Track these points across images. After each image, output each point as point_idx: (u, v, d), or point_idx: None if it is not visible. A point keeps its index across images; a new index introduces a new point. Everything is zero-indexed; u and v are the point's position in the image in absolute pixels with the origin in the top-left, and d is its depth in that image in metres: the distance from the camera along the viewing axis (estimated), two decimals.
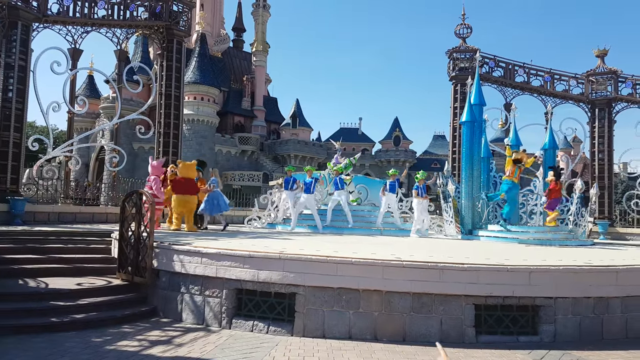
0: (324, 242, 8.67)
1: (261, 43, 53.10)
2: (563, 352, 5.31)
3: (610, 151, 21.31)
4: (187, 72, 42.39)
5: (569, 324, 5.88)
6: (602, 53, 21.82)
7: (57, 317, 5.96)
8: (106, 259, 8.22)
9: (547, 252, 8.19)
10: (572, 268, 5.99)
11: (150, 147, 35.91)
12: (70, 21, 15.13)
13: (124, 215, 7.41)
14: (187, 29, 17.03)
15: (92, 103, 41.25)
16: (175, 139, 16.35)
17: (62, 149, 14.49)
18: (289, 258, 5.95)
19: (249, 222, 13.29)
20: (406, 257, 6.17)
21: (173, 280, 6.73)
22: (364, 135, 55.40)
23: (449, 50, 22.26)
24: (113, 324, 6.10)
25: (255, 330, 6.01)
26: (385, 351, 5.25)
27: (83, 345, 5.19)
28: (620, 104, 21.39)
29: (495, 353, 5.28)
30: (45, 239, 8.97)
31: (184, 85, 17.10)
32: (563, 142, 40.29)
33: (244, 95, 51.93)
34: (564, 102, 22.04)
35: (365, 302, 5.80)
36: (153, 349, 5.16)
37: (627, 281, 6.08)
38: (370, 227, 12.61)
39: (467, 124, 12.58)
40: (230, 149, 47.65)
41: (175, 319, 6.53)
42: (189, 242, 7.06)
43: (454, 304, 5.75)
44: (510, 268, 5.82)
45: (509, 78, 21.66)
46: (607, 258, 7.20)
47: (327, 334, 5.77)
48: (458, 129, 19.99)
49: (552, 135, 13.59)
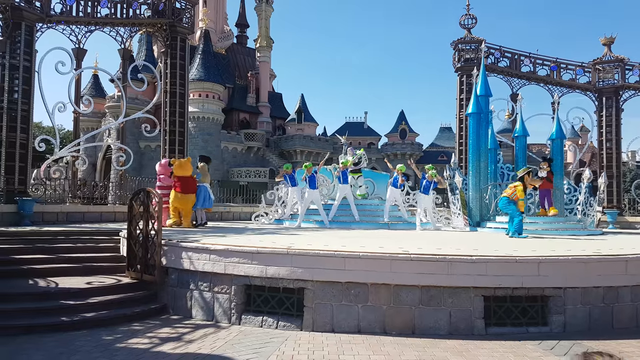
0: (331, 237, 8.67)
1: (265, 39, 52.91)
2: (573, 342, 5.28)
3: (618, 140, 21.06)
4: (192, 70, 42.39)
5: (579, 314, 5.85)
6: (609, 41, 21.51)
7: (67, 317, 6.01)
8: (115, 258, 8.27)
9: (556, 242, 8.13)
10: (581, 258, 5.94)
11: (157, 145, 36.08)
12: (74, 21, 15.15)
13: (131, 214, 7.45)
14: (190, 26, 17.00)
15: (98, 102, 41.36)
16: (181, 137, 16.39)
17: (69, 148, 14.57)
18: (297, 253, 5.96)
19: (257, 219, 13.31)
20: (414, 250, 6.15)
21: (182, 277, 6.77)
22: (369, 129, 55.17)
23: (454, 42, 22.04)
24: (123, 322, 6.15)
25: (265, 325, 6.04)
26: (395, 344, 5.25)
27: (94, 344, 5.24)
28: (628, 92, 21.10)
29: (505, 344, 5.26)
30: (55, 239, 9.04)
31: (188, 82, 17.11)
32: (570, 132, 39.96)
33: (249, 91, 51.84)
34: (570, 91, 21.77)
35: (374, 295, 5.79)
36: (163, 346, 5.20)
37: (637, 270, 6.03)
38: (377, 222, 12.59)
39: (474, 115, 12.49)
40: (236, 146, 47.67)
41: (185, 315, 6.57)
42: (197, 239, 7.09)
43: (463, 296, 5.73)
44: (519, 259, 5.79)
45: (515, 68, 21.43)
46: (616, 247, 7.14)
47: (336, 328, 5.78)
48: (464, 120, 19.81)
49: (559, 124, 13.45)
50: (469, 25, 21.87)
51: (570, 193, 12.44)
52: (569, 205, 12.39)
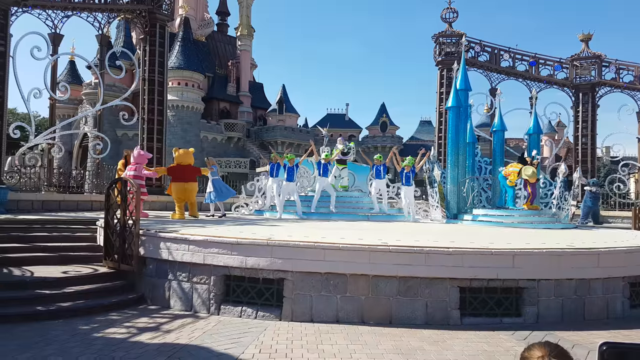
0: (311, 228, 8.70)
1: (246, 27, 52.12)
2: (546, 332, 5.43)
3: (593, 135, 21.64)
4: (171, 57, 41.52)
5: (552, 305, 6.02)
6: (587, 37, 21.98)
7: (43, 306, 5.90)
8: (92, 247, 8.14)
9: (531, 235, 8.34)
10: (554, 251, 6.11)
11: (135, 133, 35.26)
12: (50, 5, 14.68)
13: (109, 203, 7.33)
14: (170, 13, 16.66)
15: (74, 89, 40.20)
16: (159, 126, 16.12)
17: (44, 136, 14.17)
18: (277, 244, 5.97)
19: (237, 209, 13.25)
20: (392, 241, 6.23)
21: (160, 267, 6.70)
22: (351, 122, 55.24)
23: (435, 35, 22.20)
24: (100, 311, 6.07)
25: (244, 315, 6.04)
26: (372, 334, 5.33)
27: (70, 333, 5.16)
28: (604, 88, 21.66)
29: (480, 334, 5.39)
30: (30, 228, 8.84)
31: (167, 70, 16.80)
32: (547, 127, 40.77)
33: (230, 80, 51.13)
34: (548, 86, 22.24)
35: (353, 286, 5.86)
36: (141, 335, 5.16)
37: (608, 263, 6.22)
38: (357, 213, 12.68)
39: (453, 109, 12.64)
40: (216, 136, 47.10)
41: (163, 305, 6.52)
42: (175, 230, 7.02)
43: (439, 287, 5.85)
44: (494, 251, 5.92)
45: (495, 63, 21.74)
46: (589, 241, 7.35)
47: (315, 318, 5.83)
48: (444, 114, 20.06)
49: (536, 119, 13.73)
50: (450, 19, 22.03)
51: (546, 187, 12.75)
52: (544, 199, 12.69)
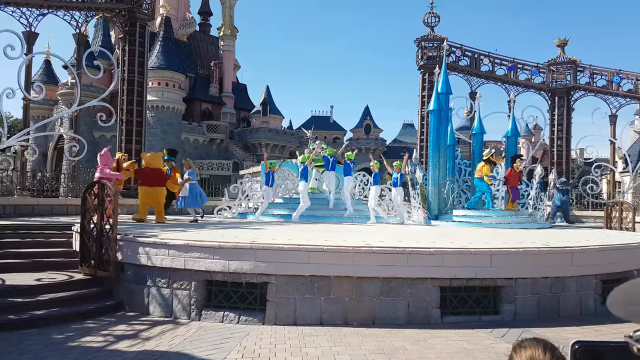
0: (295, 231, 8.67)
1: (229, 27, 51.70)
2: (523, 329, 5.55)
3: (568, 138, 22.22)
4: (151, 57, 40.90)
5: (529, 303, 6.16)
6: (563, 43, 22.59)
7: (15, 315, 5.72)
8: (67, 253, 7.92)
9: (508, 235, 8.50)
10: (531, 250, 6.25)
11: (112, 135, 34.64)
12: (25, 3, 14.30)
13: (85, 207, 7.15)
14: (150, 12, 16.41)
15: (50, 89, 39.32)
16: (138, 127, 15.85)
17: (17, 138, 13.73)
18: (260, 248, 5.92)
19: (219, 212, 13.11)
20: (376, 243, 6.26)
21: (139, 273, 6.57)
22: (335, 124, 55.40)
23: (417, 39, 22.45)
24: (76, 319, 5.91)
25: (226, 320, 5.97)
26: (355, 335, 5.34)
27: (44, 343, 5.01)
28: (579, 92, 22.30)
29: (459, 332, 5.47)
30: (1, 234, 8.54)
31: (147, 70, 16.54)
32: (525, 130, 41.54)
33: (212, 81, 50.57)
34: (526, 90, 22.76)
35: (337, 288, 5.86)
36: (119, 343, 5.05)
37: (582, 261, 6.41)
38: (341, 215, 12.69)
39: (435, 112, 12.80)
40: (198, 137, 46.51)
41: (142, 312, 6.39)
42: (155, 234, 6.89)
43: (421, 287, 5.91)
44: (473, 251, 6.02)
45: (475, 67, 22.13)
46: (563, 240, 7.54)
47: (298, 321, 5.81)
48: (426, 117, 20.31)
49: (514, 123, 14.02)
50: (432, 23, 22.32)
51: (523, 188, 13.00)
52: (521, 200, 12.95)
